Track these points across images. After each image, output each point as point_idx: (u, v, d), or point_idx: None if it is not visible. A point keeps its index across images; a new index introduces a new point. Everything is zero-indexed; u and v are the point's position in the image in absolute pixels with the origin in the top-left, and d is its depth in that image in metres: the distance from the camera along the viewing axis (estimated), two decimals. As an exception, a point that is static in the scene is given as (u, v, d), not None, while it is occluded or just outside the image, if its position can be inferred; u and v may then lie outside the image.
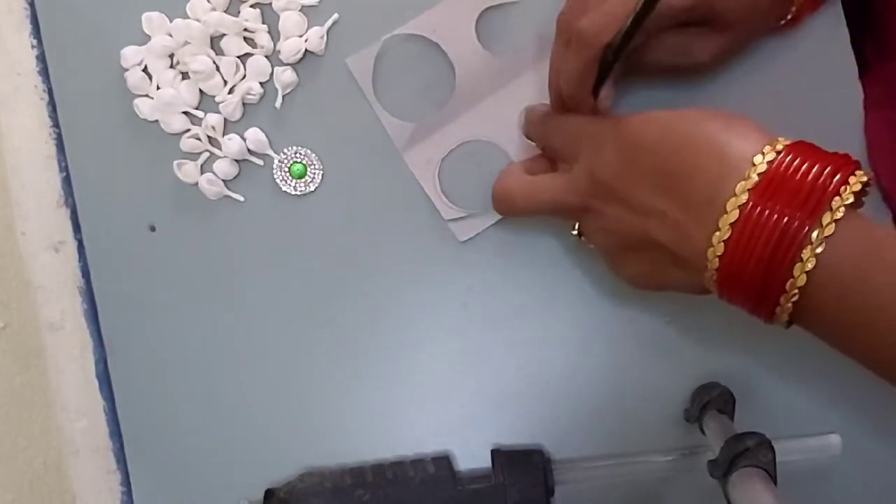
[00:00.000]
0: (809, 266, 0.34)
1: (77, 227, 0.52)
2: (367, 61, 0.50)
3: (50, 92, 0.52)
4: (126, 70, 0.50)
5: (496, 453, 0.48)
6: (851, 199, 0.34)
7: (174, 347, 0.51)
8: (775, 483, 0.41)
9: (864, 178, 0.35)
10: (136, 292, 0.51)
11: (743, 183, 0.35)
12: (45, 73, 0.52)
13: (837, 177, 0.34)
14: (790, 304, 0.35)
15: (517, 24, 0.50)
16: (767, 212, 0.34)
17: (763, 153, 0.36)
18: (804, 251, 0.34)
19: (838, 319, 0.35)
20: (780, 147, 0.36)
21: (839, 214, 0.34)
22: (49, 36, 0.52)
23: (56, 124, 0.52)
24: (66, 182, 0.52)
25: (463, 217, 0.50)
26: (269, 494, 0.48)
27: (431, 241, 0.51)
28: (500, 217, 0.50)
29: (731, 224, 0.35)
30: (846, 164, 0.35)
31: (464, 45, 0.50)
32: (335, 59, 0.51)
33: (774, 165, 0.35)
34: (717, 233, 0.35)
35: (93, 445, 0.52)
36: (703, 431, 0.48)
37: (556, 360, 0.51)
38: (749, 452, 0.41)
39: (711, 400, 0.48)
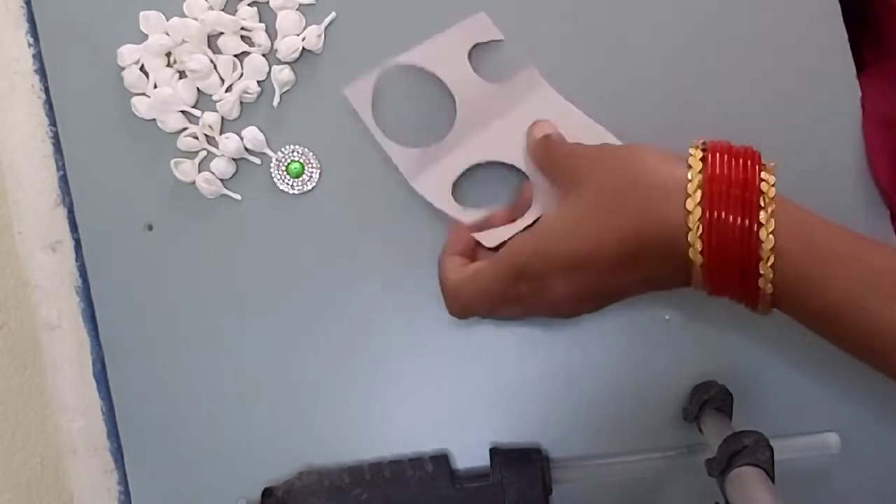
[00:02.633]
0: (771, 244, 0.38)
1: (74, 227, 0.52)
2: (365, 91, 0.50)
3: (47, 91, 0.52)
4: (123, 69, 0.50)
5: (494, 452, 0.48)
6: (774, 180, 0.39)
7: (171, 347, 0.51)
8: (773, 481, 0.41)
9: (771, 164, 0.40)
10: (133, 291, 0.51)
11: (690, 199, 0.39)
12: (41, 71, 0.52)
13: (757, 166, 0.39)
14: (770, 286, 0.39)
15: (507, 57, 0.51)
16: (723, 213, 0.38)
17: (690, 165, 0.39)
18: (761, 232, 0.38)
19: (803, 299, 0.39)
20: (695, 151, 0.40)
21: (772, 193, 0.38)
22: (46, 35, 0.51)
23: (53, 123, 0.52)
24: (63, 181, 0.52)
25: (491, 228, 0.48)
26: (267, 493, 0.48)
27: (429, 240, 0.51)
28: (527, 224, 0.47)
29: (699, 236, 0.38)
30: (752, 154, 0.40)
31: (460, 74, 0.50)
32: (333, 57, 0.51)
33: (707, 173, 0.39)
34: (691, 249, 0.39)
35: (90, 445, 0.52)
36: (700, 430, 0.48)
37: (554, 358, 0.51)
38: (747, 451, 0.41)
39: (709, 398, 0.48)
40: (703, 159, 0.40)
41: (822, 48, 0.49)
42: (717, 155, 0.40)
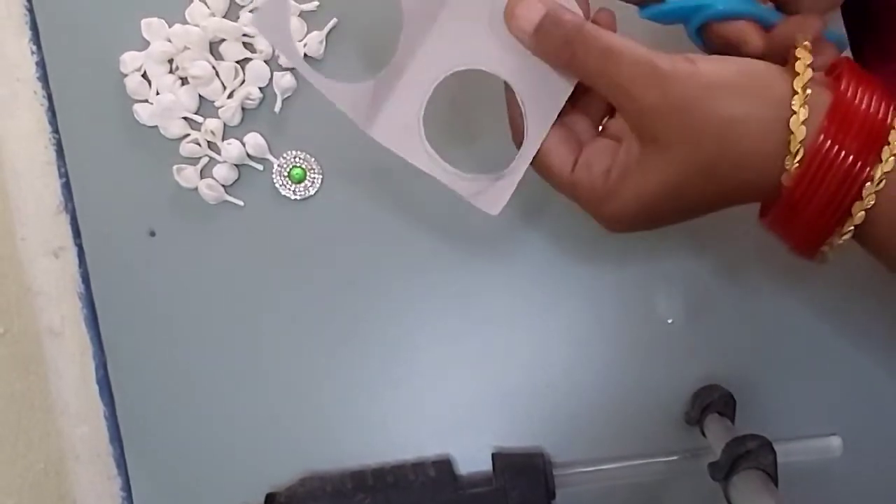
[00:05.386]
0: (870, 203, 0.34)
1: (77, 233, 0.52)
2: (275, 12, 0.37)
3: (49, 98, 0.52)
4: (125, 75, 0.50)
5: (497, 457, 0.48)
6: None
7: (174, 352, 0.51)
8: (776, 485, 0.41)
9: None
10: (135, 297, 0.51)
11: (794, 137, 0.34)
12: (44, 78, 0.52)
13: (892, 111, 0.34)
14: (840, 241, 0.36)
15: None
16: (836, 148, 0.34)
17: (794, 110, 0.34)
18: (865, 189, 0.34)
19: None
20: (800, 92, 0.35)
21: None
22: (48, 42, 0.52)
23: (56, 130, 0.52)
24: (66, 187, 0.52)
25: (486, 186, 0.39)
26: (270, 499, 0.48)
27: (431, 245, 0.51)
28: (521, 174, 0.39)
29: (796, 166, 0.34)
30: (888, 95, 0.35)
31: None
32: (334, 63, 0.51)
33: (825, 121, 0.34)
34: (786, 180, 0.35)
35: (93, 451, 0.52)
36: (703, 434, 0.48)
37: (557, 362, 0.51)
38: (750, 454, 0.41)
39: (712, 402, 0.48)
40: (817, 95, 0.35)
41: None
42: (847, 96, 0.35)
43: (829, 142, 0.34)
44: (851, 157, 0.34)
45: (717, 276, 0.50)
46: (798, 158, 0.34)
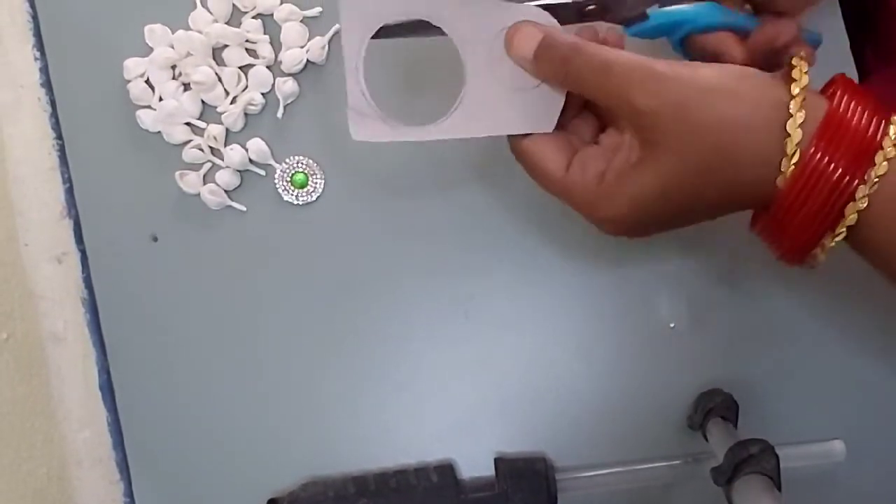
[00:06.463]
0: (863, 205, 0.35)
1: (80, 238, 0.52)
2: None
3: (53, 104, 0.52)
4: (128, 81, 0.51)
5: (499, 461, 0.48)
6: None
7: (177, 357, 0.51)
8: (779, 489, 0.41)
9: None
10: (138, 303, 0.51)
11: (790, 140, 0.35)
12: (48, 84, 0.52)
13: (883, 124, 0.35)
14: (832, 243, 0.37)
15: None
16: (826, 159, 0.35)
17: (790, 113, 0.35)
18: (858, 191, 0.35)
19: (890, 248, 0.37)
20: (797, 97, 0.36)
21: (891, 153, 0.35)
22: (52, 48, 0.52)
23: (59, 136, 0.52)
24: (69, 193, 0.52)
25: (371, 115, 0.40)
26: (272, 504, 0.48)
27: (433, 250, 0.51)
28: (409, 140, 0.41)
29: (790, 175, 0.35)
30: (882, 109, 0.36)
31: None
32: (336, 69, 0.51)
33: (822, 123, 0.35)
34: (780, 184, 0.36)
35: (96, 456, 0.52)
36: (706, 438, 0.48)
37: (559, 367, 0.51)
38: (753, 459, 0.41)
39: (714, 407, 0.48)
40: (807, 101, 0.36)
41: (822, 55, 0.49)
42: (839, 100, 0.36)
43: (820, 154, 0.35)
44: (841, 170, 0.35)
45: (719, 280, 0.50)
46: (794, 161, 0.35)
